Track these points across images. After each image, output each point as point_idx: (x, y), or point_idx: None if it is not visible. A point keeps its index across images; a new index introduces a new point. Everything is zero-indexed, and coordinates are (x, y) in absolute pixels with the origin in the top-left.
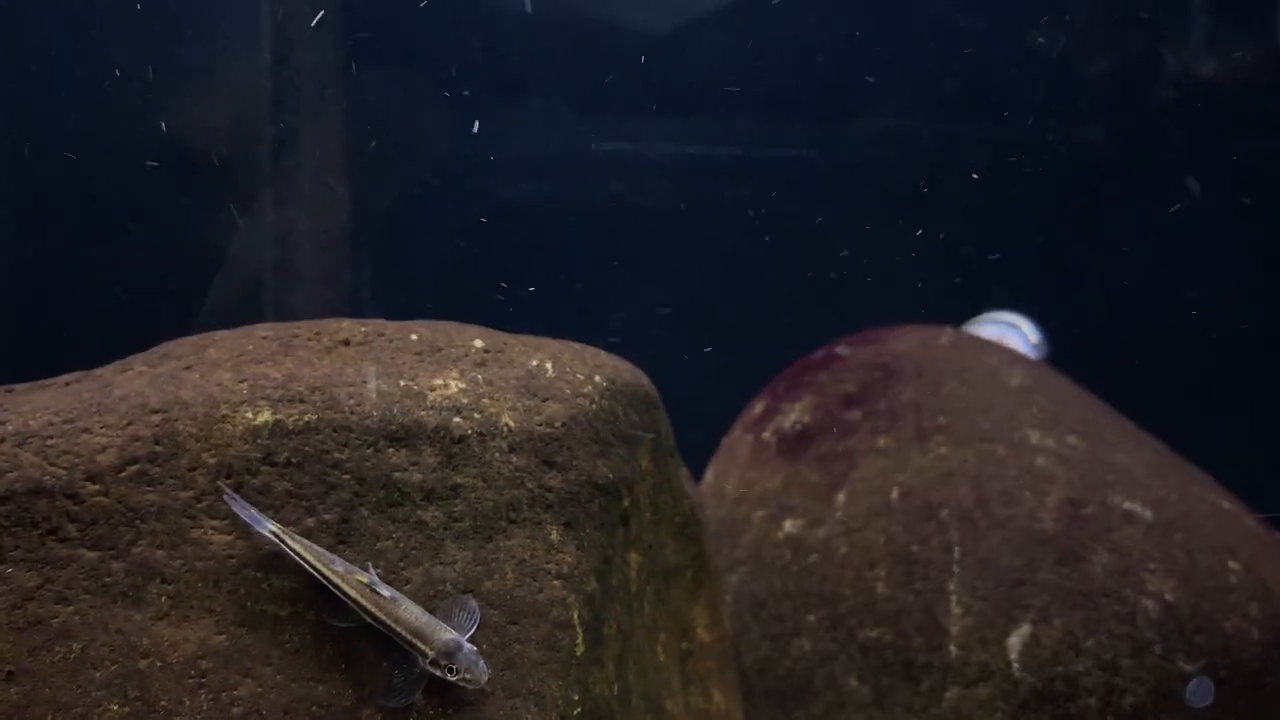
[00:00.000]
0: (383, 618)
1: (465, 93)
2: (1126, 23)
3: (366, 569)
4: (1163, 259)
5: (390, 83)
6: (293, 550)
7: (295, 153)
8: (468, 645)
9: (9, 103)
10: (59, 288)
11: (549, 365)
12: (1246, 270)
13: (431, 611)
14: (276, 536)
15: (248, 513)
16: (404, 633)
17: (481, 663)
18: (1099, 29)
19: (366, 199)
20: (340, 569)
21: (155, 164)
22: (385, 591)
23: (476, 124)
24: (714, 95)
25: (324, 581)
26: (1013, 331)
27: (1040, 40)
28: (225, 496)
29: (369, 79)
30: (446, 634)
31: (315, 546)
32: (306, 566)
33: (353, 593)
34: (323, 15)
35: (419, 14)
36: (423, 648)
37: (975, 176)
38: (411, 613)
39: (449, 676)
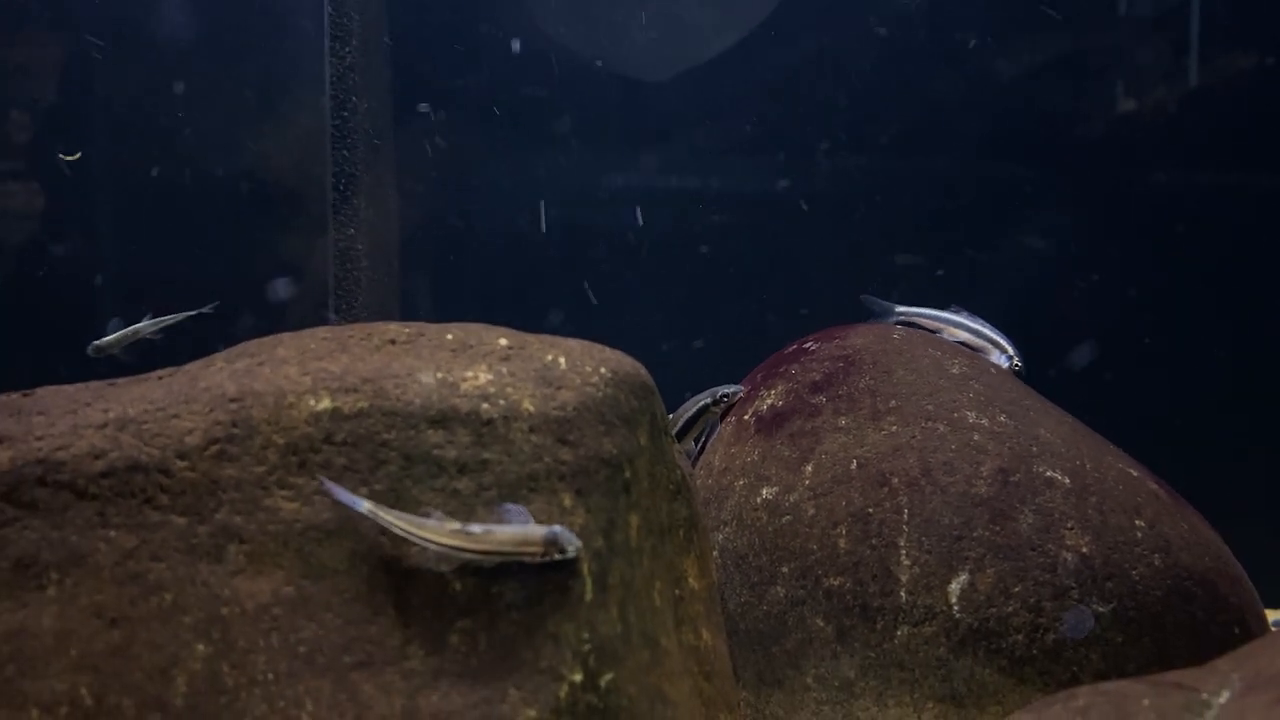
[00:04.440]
0: (485, 549)
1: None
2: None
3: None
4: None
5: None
6: (388, 522)
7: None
8: (556, 528)
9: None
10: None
11: (562, 359)
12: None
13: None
14: (372, 513)
15: (344, 496)
16: (511, 549)
17: (569, 532)
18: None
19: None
20: (433, 524)
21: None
22: (476, 528)
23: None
24: (709, 134)
25: (421, 541)
26: (997, 353)
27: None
28: (325, 485)
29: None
30: (537, 530)
31: (405, 514)
32: (401, 532)
33: (450, 540)
34: None
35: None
36: (532, 550)
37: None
38: (505, 531)
39: (560, 558)
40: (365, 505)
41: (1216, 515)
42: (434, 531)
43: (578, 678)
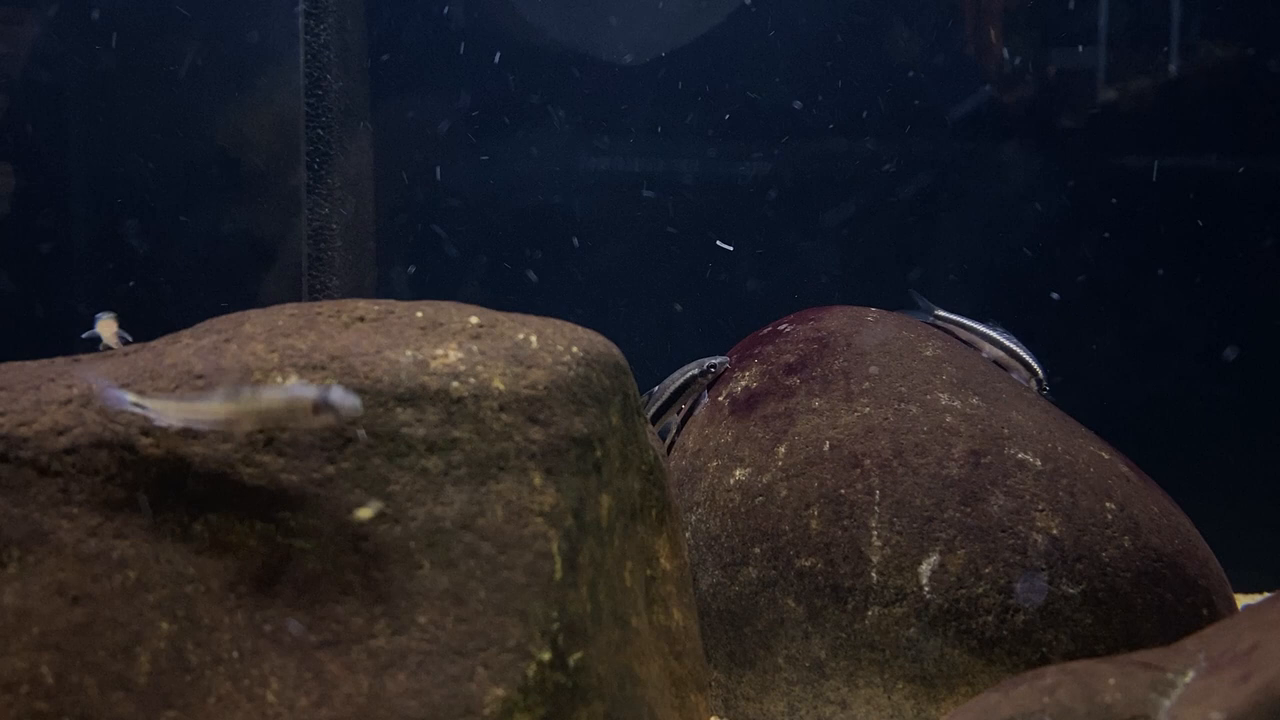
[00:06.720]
0: (256, 409)
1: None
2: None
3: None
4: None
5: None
6: (157, 410)
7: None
8: (332, 388)
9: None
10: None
11: (534, 338)
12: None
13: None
14: (138, 404)
15: (111, 395)
16: (281, 411)
17: (345, 392)
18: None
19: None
20: (201, 401)
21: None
22: (246, 391)
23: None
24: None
25: (195, 420)
26: (1026, 375)
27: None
28: (101, 389)
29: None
30: (306, 391)
31: (169, 397)
32: (173, 418)
33: (222, 411)
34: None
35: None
36: (302, 410)
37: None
38: (272, 393)
39: (332, 419)
40: (130, 399)
41: (1188, 500)
42: (205, 409)
43: (546, 656)
